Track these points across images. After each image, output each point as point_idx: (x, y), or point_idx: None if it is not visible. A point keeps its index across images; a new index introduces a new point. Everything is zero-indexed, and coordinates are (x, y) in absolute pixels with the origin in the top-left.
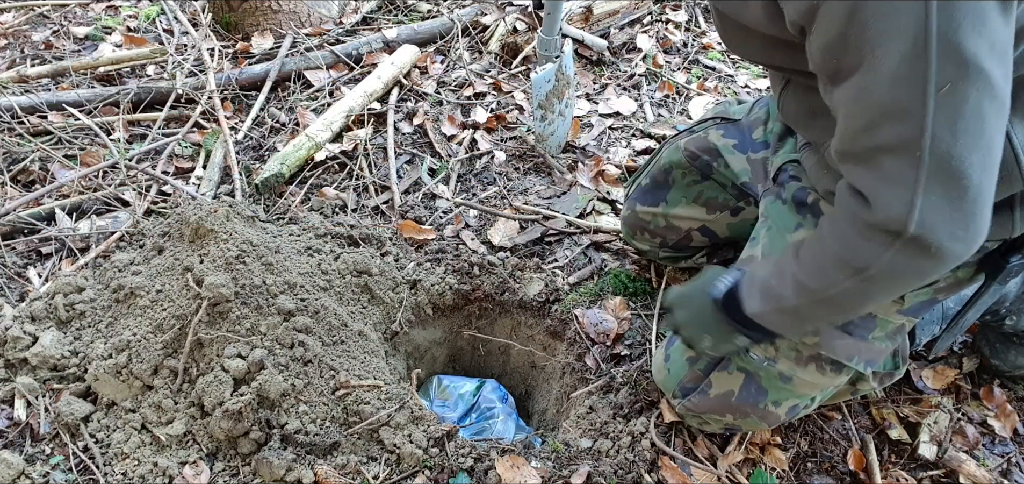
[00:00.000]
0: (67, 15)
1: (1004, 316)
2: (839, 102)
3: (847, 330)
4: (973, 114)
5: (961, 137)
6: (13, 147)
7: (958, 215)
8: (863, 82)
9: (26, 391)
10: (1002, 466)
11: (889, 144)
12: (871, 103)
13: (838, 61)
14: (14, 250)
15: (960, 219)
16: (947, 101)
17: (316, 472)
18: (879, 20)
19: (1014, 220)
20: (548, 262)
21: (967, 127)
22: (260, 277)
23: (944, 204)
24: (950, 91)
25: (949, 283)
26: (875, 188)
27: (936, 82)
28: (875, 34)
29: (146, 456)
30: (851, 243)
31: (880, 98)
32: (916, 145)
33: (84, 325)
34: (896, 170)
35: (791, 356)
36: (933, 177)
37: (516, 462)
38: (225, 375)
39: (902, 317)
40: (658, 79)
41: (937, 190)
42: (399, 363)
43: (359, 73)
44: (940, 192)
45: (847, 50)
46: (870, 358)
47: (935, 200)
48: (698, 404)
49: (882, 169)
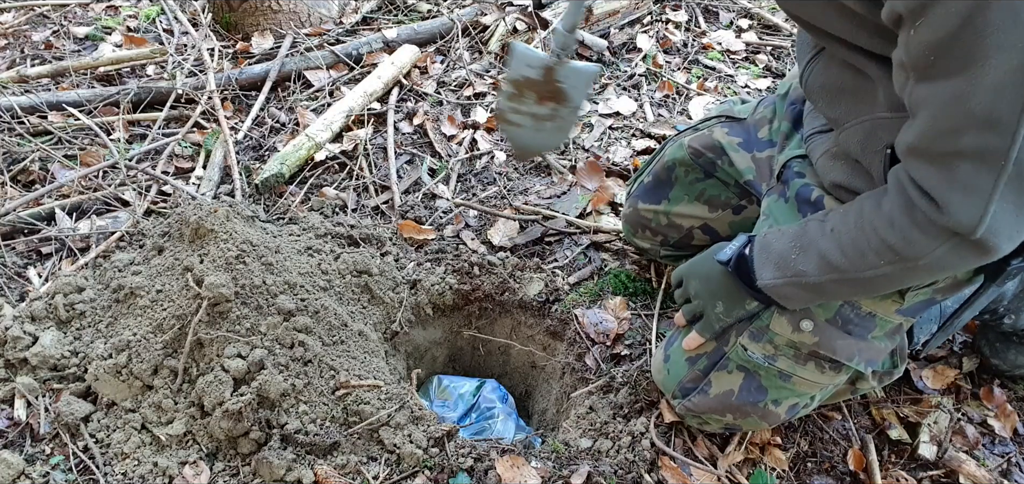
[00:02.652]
0: (67, 15)
1: (1002, 315)
2: (924, 100)
3: (846, 330)
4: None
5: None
6: (13, 147)
7: (1021, 219)
8: (962, 87)
9: (26, 391)
10: (1002, 466)
11: (972, 151)
12: (966, 110)
13: (939, 60)
14: (14, 250)
15: (1020, 223)
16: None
17: (316, 472)
18: (998, 31)
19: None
20: (548, 262)
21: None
22: (260, 277)
23: (1012, 210)
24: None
25: (948, 284)
26: (947, 192)
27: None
28: (991, 43)
29: (146, 456)
30: (907, 235)
31: (977, 106)
32: (1002, 156)
33: (84, 325)
34: (973, 177)
35: (790, 354)
36: (1010, 188)
37: (516, 462)
38: (225, 375)
39: (901, 316)
40: (658, 79)
41: (1010, 198)
42: (399, 363)
43: (359, 73)
44: (1012, 199)
45: (954, 52)
46: (870, 357)
47: (1007, 209)
48: (698, 404)
49: (957, 174)
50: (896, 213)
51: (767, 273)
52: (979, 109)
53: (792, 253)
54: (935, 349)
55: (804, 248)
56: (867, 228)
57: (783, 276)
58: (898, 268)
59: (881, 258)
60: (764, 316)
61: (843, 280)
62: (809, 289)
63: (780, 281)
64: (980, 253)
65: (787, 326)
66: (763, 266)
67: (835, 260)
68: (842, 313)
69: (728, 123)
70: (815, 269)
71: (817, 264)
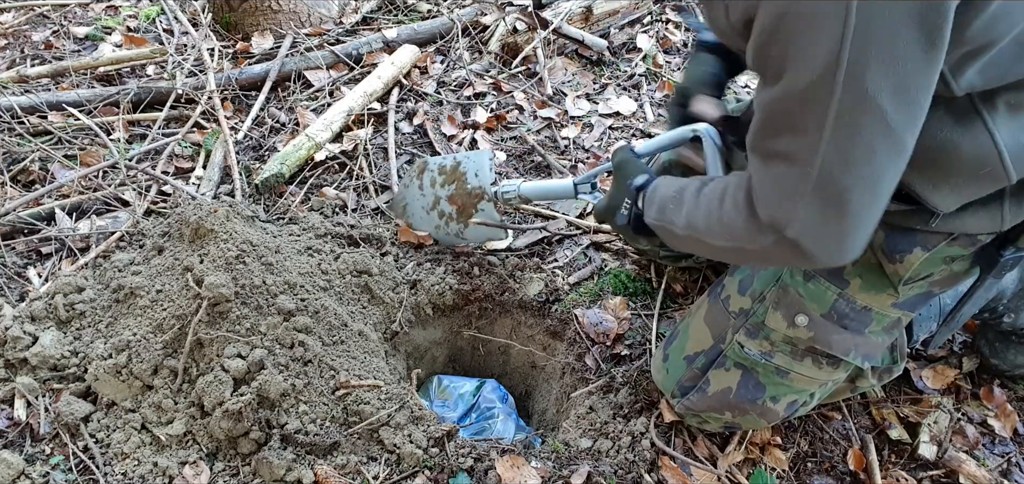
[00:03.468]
0: (67, 15)
1: (1002, 314)
2: (758, 101)
3: (842, 324)
4: (864, 148)
5: (849, 168)
6: (13, 147)
7: (832, 232)
8: (778, 92)
9: (26, 391)
10: (1002, 466)
11: (785, 153)
12: (780, 112)
13: (764, 64)
14: (14, 250)
15: (834, 236)
16: (842, 131)
17: (316, 472)
18: (798, 38)
19: (1003, 213)
20: (548, 262)
21: (856, 159)
22: (260, 277)
23: (820, 220)
24: (847, 122)
25: (944, 278)
26: (765, 187)
27: (836, 111)
28: (794, 51)
29: (146, 456)
30: (742, 222)
31: (787, 110)
32: (808, 163)
33: (84, 325)
34: (785, 178)
35: (787, 350)
36: (816, 195)
37: (516, 462)
38: (225, 375)
39: (898, 311)
40: (658, 79)
41: (817, 206)
42: (399, 363)
43: (359, 73)
44: (819, 209)
45: (771, 59)
46: (867, 352)
47: (813, 215)
48: (697, 403)
49: (774, 173)
50: (740, 200)
51: (651, 212)
52: (790, 113)
53: (670, 203)
54: (938, 348)
55: (678, 204)
56: (723, 205)
57: (659, 219)
58: (734, 247)
59: (724, 236)
60: (759, 312)
61: (698, 241)
62: (674, 239)
63: (657, 222)
64: (799, 255)
65: (782, 322)
66: (649, 205)
67: (694, 220)
68: (837, 308)
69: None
70: (681, 222)
71: (683, 219)
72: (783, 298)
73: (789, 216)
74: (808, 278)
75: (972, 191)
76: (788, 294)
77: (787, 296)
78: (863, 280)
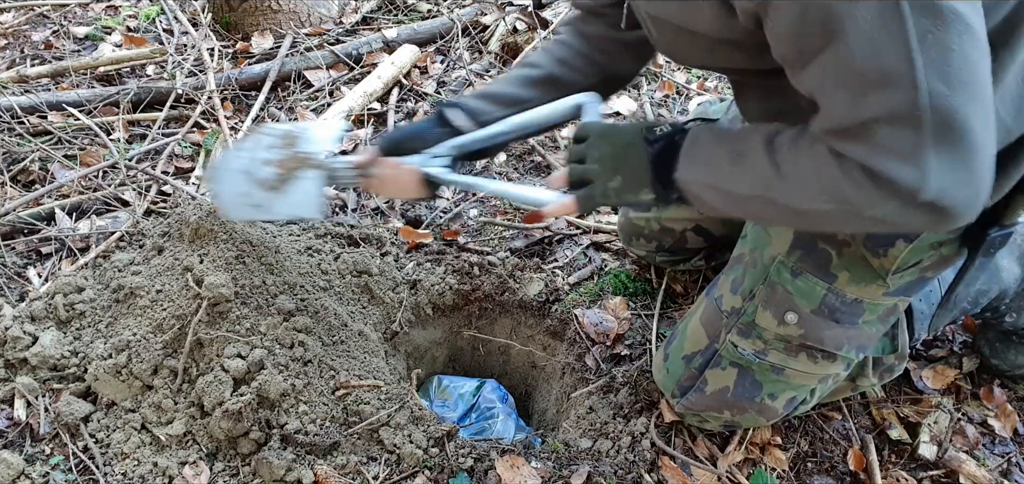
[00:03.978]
0: (67, 15)
1: (1004, 313)
2: (813, 84)
3: (833, 318)
4: (962, 62)
5: (957, 88)
6: (13, 147)
7: (967, 175)
8: (836, 55)
9: (26, 391)
10: (1002, 466)
11: (882, 114)
12: (851, 74)
13: (802, 42)
14: (14, 250)
15: (969, 180)
16: (932, 54)
17: (316, 472)
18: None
19: None
20: (548, 262)
21: (960, 76)
22: (260, 277)
23: (951, 166)
24: (931, 40)
25: (934, 262)
26: (878, 163)
27: (916, 34)
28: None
29: (146, 456)
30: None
31: (861, 67)
32: (914, 105)
33: (84, 325)
34: (896, 140)
35: (780, 347)
36: (938, 138)
37: (516, 462)
38: (225, 375)
39: (891, 298)
40: (658, 79)
41: (944, 151)
42: (399, 363)
43: (359, 73)
44: (947, 153)
45: (809, 28)
46: (860, 344)
47: (944, 163)
48: (695, 402)
49: (880, 142)
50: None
51: (693, 170)
52: (865, 68)
53: (725, 159)
54: (937, 335)
55: (741, 155)
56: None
57: (706, 178)
58: (840, 210)
59: (826, 195)
60: (749, 311)
61: (770, 203)
62: (729, 199)
63: (701, 180)
64: (937, 217)
65: (772, 320)
66: (689, 160)
67: (770, 180)
68: (827, 302)
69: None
70: (747, 184)
71: (751, 180)
72: (771, 297)
73: (921, 178)
74: (796, 275)
75: None
76: (776, 292)
77: (775, 294)
78: (851, 273)
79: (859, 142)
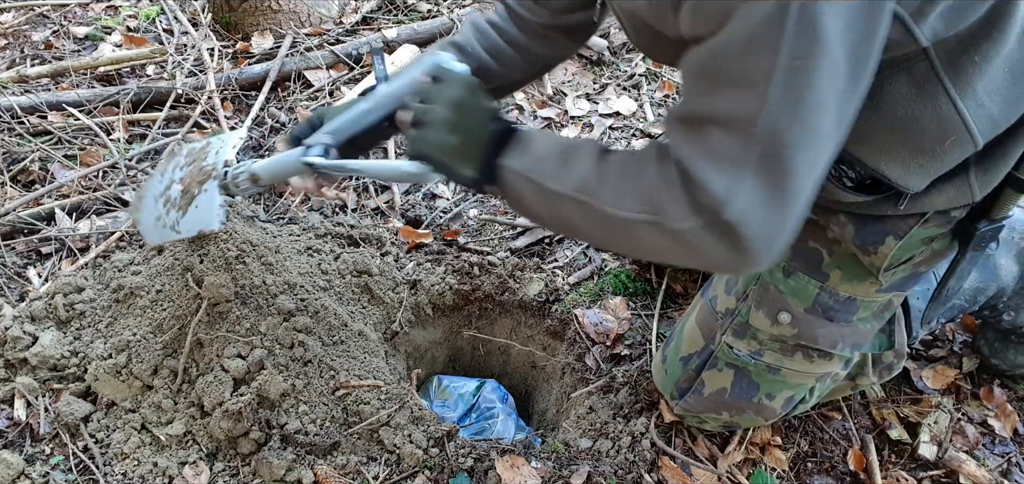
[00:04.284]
0: (67, 15)
1: (1002, 311)
2: (687, 66)
3: (827, 316)
4: (816, 102)
5: (797, 125)
6: (13, 147)
7: (775, 214)
8: (716, 44)
9: (26, 391)
10: (1002, 466)
11: (725, 114)
12: (719, 67)
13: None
14: (14, 250)
15: (776, 220)
16: (793, 81)
17: (316, 472)
18: None
19: (970, 184)
20: (548, 262)
21: (807, 115)
22: (260, 277)
23: (765, 197)
24: (799, 68)
25: (926, 258)
26: (697, 166)
27: (788, 53)
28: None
29: (146, 456)
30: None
31: (729, 63)
32: (753, 121)
33: (84, 325)
34: (723, 146)
35: (776, 347)
36: (762, 163)
37: (516, 462)
38: (225, 375)
39: (884, 294)
40: (658, 79)
41: (762, 178)
42: (399, 363)
43: (359, 73)
44: (764, 181)
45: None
46: (856, 342)
47: (758, 189)
48: (694, 404)
49: (710, 142)
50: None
51: (518, 158)
52: (732, 65)
53: (554, 156)
54: (933, 334)
55: (569, 159)
56: (645, 163)
57: (529, 170)
58: (647, 222)
59: (639, 199)
60: (743, 312)
61: (583, 206)
62: (543, 197)
63: (524, 171)
64: (732, 247)
65: (765, 320)
66: (520, 150)
67: (592, 183)
68: (820, 301)
69: None
70: (567, 181)
71: (571, 177)
72: (764, 296)
73: (731, 192)
74: (788, 274)
75: (939, 165)
76: (769, 292)
77: (768, 294)
78: (843, 271)
79: (691, 136)
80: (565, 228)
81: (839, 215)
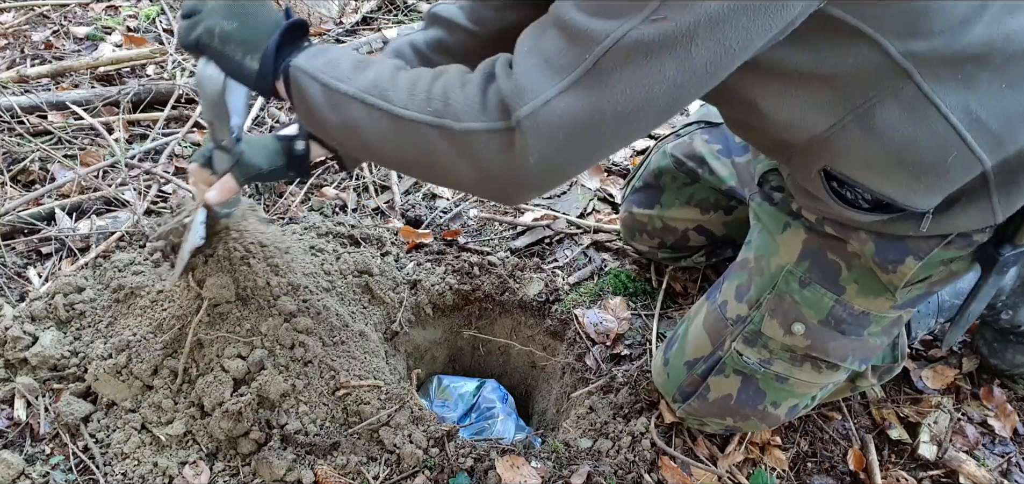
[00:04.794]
0: (67, 15)
1: (1000, 310)
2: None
3: (840, 330)
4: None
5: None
6: (13, 147)
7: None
8: None
9: (26, 391)
10: (1002, 466)
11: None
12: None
13: None
14: (14, 250)
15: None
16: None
17: (316, 472)
18: None
19: (993, 206)
20: (548, 262)
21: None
22: (264, 278)
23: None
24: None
25: (943, 278)
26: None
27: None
28: None
29: (146, 456)
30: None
31: None
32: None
33: (84, 325)
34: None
35: (785, 357)
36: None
37: (516, 462)
38: (225, 375)
39: (897, 311)
40: None
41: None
42: (399, 363)
43: None
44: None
45: None
46: (865, 356)
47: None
48: (698, 408)
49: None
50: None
51: (309, 61)
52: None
53: (349, 62)
54: (954, 344)
55: (366, 66)
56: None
57: (320, 72)
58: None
59: (431, 104)
60: (756, 319)
61: (371, 108)
62: (329, 99)
63: (313, 72)
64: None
65: (779, 330)
66: (313, 53)
67: (383, 83)
68: (834, 313)
69: (707, 129)
70: (358, 82)
71: (363, 80)
72: (779, 306)
73: (535, 96)
74: (804, 285)
75: (946, 184)
76: (784, 302)
77: (783, 304)
78: (860, 286)
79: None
80: (352, 138)
81: (860, 232)
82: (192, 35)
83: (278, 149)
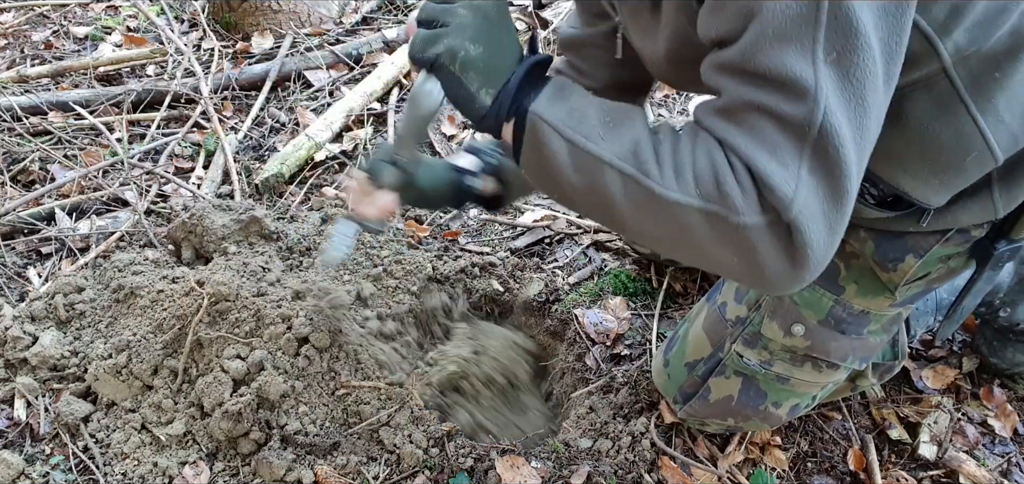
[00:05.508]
0: (67, 15)
1: (998, 308)
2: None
3: (840, 329)
4: (861, 96)
5: (846, 120)
6: (13, 147)
7: (833, 212)
8: (743, 44)
9: (26, 391)
10: (1002, 466)
11: (772, 108)
12: (752, 65)
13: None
14: (14, 250)
15: (834, 219)
16: (837, 73)
17: (316, 472)
18: None
19: (994, 201)
20: (548, 262)
21: (854, 110)
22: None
23: (823, 194)
24: (842, 63)
25: (941, 275)
26: (758, 157)
27: (824, 48)
28: None
29: (146, 456)
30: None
31: (763, 61)
32: (805, 120)
33: (84, 325)
34: (779, 139)
35: (786, 358)
36: (815, 158)
37: (516, 462)
38: (225, 376)
39: (896, 309)
40: None
41: (817, 174)
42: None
43: (359, 73)
44: (820, 177)
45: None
46: (866, 354)
47: (814, 185)
48: (698, 409)
49: (763, 133)
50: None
51: (550, 107)
52: (767, 64)
53: (596, 116)
54: (941, 345)
55: (616, 121)
56: (706, 144)
57: (565, 124)
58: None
59: (701, 189)
60: (755, 321)
61: (631, 181)
62: (579, 160)
63: (557, 123)
64: (790, 249)
65: (778, 331)
66: (554, 97)
67: (644, 154)
68: (834, 313)
69: None
70: (614, 147)
71: (621, 147)
72: (778, 307)
73: (794, 188)
74: None
75: (960, 181)
76: (783, 303)
77: (782, 305)
78: (859, 285)
79: (741, 127)
80: (595, 204)
81: (859, 231)
82: (431, 51)
83: (448, 180)
